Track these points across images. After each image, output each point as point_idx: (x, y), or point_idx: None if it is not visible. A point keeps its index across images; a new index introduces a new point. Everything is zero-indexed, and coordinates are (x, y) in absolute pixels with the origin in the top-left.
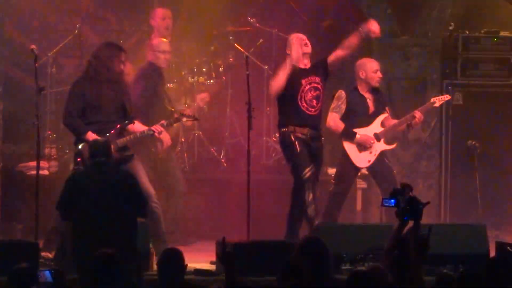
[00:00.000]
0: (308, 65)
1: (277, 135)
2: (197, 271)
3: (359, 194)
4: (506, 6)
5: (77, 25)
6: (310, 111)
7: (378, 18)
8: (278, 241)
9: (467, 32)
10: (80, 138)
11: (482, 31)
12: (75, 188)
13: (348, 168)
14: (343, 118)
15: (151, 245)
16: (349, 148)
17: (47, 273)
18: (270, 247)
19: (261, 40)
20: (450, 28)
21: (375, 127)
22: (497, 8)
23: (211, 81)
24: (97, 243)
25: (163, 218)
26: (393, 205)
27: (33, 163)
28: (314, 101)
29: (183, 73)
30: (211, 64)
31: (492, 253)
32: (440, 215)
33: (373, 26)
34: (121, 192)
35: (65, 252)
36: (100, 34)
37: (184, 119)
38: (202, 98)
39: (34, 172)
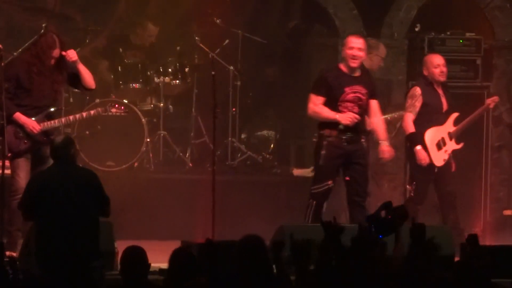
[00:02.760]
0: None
1: (242, 136)
2: (162, 271)
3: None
4: (472, 8)
5: (43, 24)
6: None
7: (344, 19)
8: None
9: (433, 34)
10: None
11: (448, 33)
12: (38, 188)
13: (428, 169)
14: (419, 115)
15: (115, 245)
16: (431, 146)
17: None
18: (236, 247)
19: (227, 41)
20: (416, 29)
21: (449, 125)
22: (463, 9)
23: (177, 81)
24: (60, 243)
25: None
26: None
27: None
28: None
29: (149, 73)
30: (177, 64)
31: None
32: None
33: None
34: (84, 192)
35: (29, 252)
36: (66, 33)
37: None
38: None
39: None
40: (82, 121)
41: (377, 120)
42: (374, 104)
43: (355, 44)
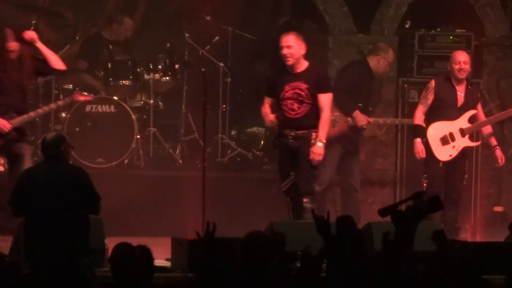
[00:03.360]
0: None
1: (232, 132)
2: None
3: None
4: (462, 4)
5: (33, 21)
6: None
7: (334, 15)
8: (232, 238)
9: (423, 30)
10: None
11: (438, 29)
12: (26, 185)
13: (433, 163)
14: (431, 109)
15: (105, 242)
16: (433, 140)
17: None
18: (225, 243)
19: (217, 37)
20: (407, 26)
21: (462, 122)
22: (454, 6)
23: (167, 78)
24: (49, 240)
25: None
26: None
27: None
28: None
29: (138, 70)
30: (167, 61)
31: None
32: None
33: None
34: (73, 189)
35: (19, 248)
36: (56, 30)
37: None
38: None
39: None
40: (55, 112)
41: (322, 117)
42: (321, 98)
43: (283, 43)
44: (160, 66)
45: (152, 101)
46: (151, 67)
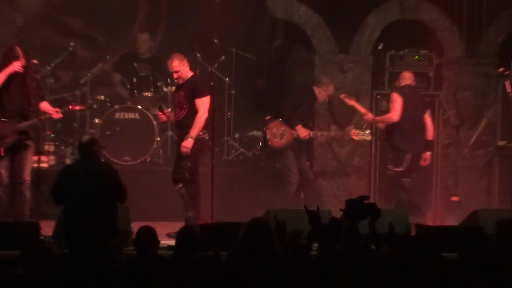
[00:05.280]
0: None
1: (236, 135)
2: (170, 247)
3: None
4: (425, 29)
5: (71, 44)
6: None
7: (320, 39)
8: (235, 222)
9: (393, 51)
10: None
11: (406, 50)
12: (65, 179)
13: None
14: None
15: (131, 225)
16: None
17: None
18: (230, 227)
19: (223, 57)
20: (379, 47)
21: None
22: (418, 30)
23: None
24: (84, 224)
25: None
26: None
27: (36, 158)
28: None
29: (158, 83)
30: None
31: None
32: (370, 201)
33: None
34: (103, 182)
35: (60, 231)
36: (90, 50)
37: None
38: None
39: (36, 165)
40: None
41: (196, 117)
42: (196, 102)
43: (170, 69)
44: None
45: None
46: (169, 81)
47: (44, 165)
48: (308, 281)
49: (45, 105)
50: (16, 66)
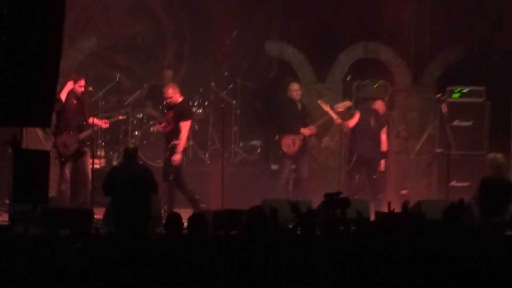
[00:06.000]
0: None
1: (240, 144)
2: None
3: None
4: (382, 65)
5: (117, 75)
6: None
7: (303, 72)
8: (240, 209)
9: (358, 81)
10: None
11: (368, 81)
12: (113, 177)
13: None
14: None
15: (162, 212)
16: None
17: None
18: (236, 213)
19: (231, 85)
20: (348, 79)
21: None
22: (377, 65)
23: (200, 110)
24: (126, 211)
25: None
26: None
27: (91, 161)
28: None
29: None
30: (200, 100)
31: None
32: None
33: None
34: (141, 179)
35: (109, 216)
36: (131, 80)
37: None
38: None
39: (91, 166)
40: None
41: (180, 136)
42: (180, 124)
43: (165, 95)
44: (196, 103)
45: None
46: (190, 103)
47: (97, 166)
48: (294, 255)
49: (96, 120)
50: (71, 85)
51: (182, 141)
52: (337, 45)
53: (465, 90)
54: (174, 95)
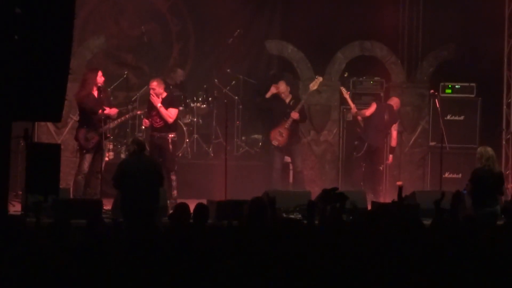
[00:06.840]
0: None
1: (243, 138)
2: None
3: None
4: (378, 62)
5: (125, 72)
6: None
7: (302, 69)
8: (242, 200)
9: (355, 78)
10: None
11: (364, 77)
12: (122, 169)
13: None
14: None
15: (168, 202)
16: None
17: None
18: (238, 203)
19: (233, 82)
20: (345, 75)
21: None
22: (373, 63)
23: (204, 105)
24: (134, 202)
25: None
26: None
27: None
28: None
29: (187, 101)
30: (204, 96)
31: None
32: (339, 186)
33: None
34: (149, 171)
35: (117, 207)
36: (138, 77)
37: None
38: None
39: None
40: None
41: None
42: (169, 109)
43: (150, 87)
44: (200, 99)
45: (195, 119)
46: (195, 99)
47: (106, 159)
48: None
49: (113, 110)
50: (94, 77)
51: (161, 110)
52: (334, 43)
53: (457, 86)
54: (157, 88)
